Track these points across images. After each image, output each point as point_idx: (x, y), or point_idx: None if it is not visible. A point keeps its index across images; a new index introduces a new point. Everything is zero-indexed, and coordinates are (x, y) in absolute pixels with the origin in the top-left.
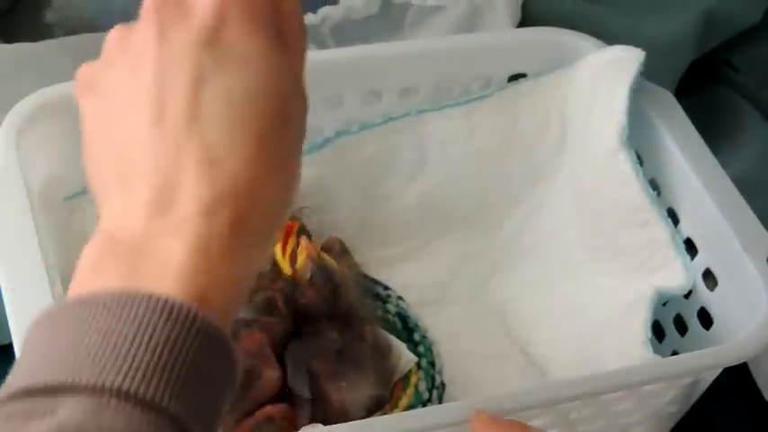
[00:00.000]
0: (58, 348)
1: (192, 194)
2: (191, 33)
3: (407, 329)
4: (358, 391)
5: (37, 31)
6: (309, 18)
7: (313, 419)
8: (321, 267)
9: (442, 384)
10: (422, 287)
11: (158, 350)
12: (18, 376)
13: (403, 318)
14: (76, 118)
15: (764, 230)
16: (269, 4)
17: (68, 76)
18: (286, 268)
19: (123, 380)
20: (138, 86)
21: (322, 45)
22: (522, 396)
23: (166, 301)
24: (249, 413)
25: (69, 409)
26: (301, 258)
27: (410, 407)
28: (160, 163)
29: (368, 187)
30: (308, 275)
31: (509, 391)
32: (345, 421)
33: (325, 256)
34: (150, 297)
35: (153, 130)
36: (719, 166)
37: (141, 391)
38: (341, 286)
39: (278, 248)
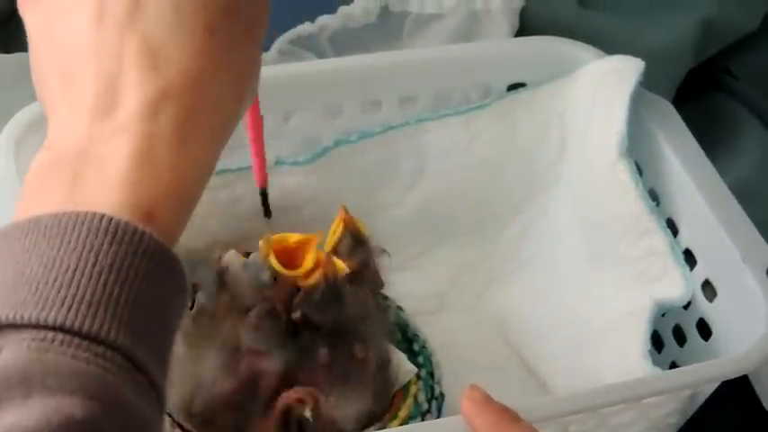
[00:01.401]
0: (0, 282)
1: (134, 93)
2: None
3: (407, 339)
4: (348, 406)
5: None
6: (307, 27)
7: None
8: (333, 291)
9: (441, 395)
10: (420, 296)
11: (103, 277)
12: None
13: (402, 327)
14: None
15: (764, 242)
16: None
17: None
18: (299, 280)
19: (67, 314)
20: None
21: (320, 54)
22: (524, 410)
23: (110, 221)
24: (266, 407)
25: (12, 350)
26: (314, 277)
27: (410, 418)
28: (102, 63)
29: (367, 196)
30: (317, 296)
31: (512, 406)
32: None
33: (338, 263)
34: (93, 217)
35: (94, 28)
36: (719, 177)
37: (86, 325)
38: (347, 308)
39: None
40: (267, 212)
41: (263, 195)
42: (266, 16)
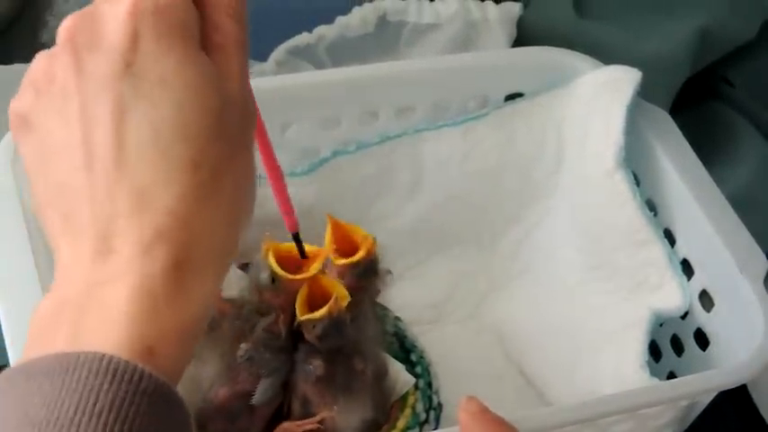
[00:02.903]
0: (3, 425)
1: (128, 238)
2: (106, 62)
3: (404, 350)
4: (350, 414)
5: (33, 52)
6: (305, 37)
7: None
8: (336, 324)
9: (440, 405)
10: (418, 306)
11: (104, 416)
12: None
13: (400, 338)
14: None
15: (761, 252)
16: (185, 10)
17: None
18: (300, 311)
19: None
20: (66, 128)
21: (318, 64)
22: (522, 421)
23: (110, 361)
24: (261, 422)
25: None
26: (323, 311)
27: (407, 428)
28: (96, 209)
29: (364, 206)
30: (319, 331)
31: (510, 416)
32: None
33: (341, 291)
34: (94, 357)
35: (85, 176)
36: (716, 187)
37: None
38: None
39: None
40: (302, 254)
41: (296, 239)
42: (253, 119)
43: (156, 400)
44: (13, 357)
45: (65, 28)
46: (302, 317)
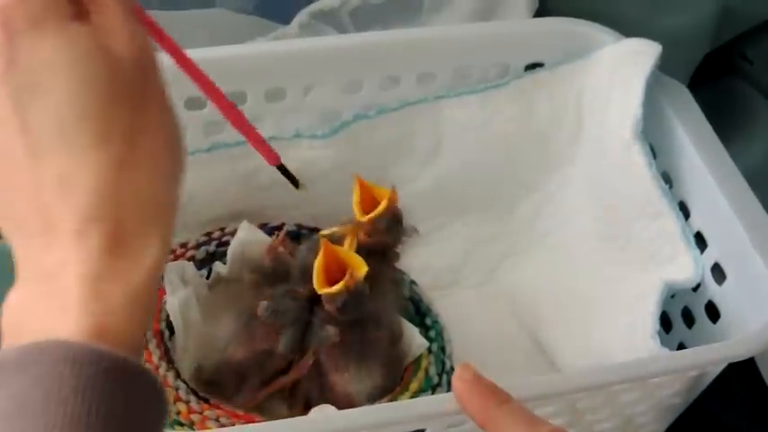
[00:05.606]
0: None
1: (62, 225)
2: None
3: (420, 314)
4: (361, 381)
5: None
6: (328, 1)
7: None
8: (355, 298)
9: (452, 369)
10: (434, 271)
11: (70, 401)
12: None
13: (416, 302)
14: None
15: None
16: None
17: None
18: (318, 284)
19: None
20: None
21: (341, 29)
22: (532, 386)
23: (69, 348)
24: (263, 384)
25: None
26: (339, 286)
27: (420, 391)
28: (30, 205)
29: (383, 171)
30: (339, 304)
31: (521, 381)
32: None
33: (359, 265)
34: (53, 347)
35: (12, 174)
36: (732, 162)
37: None
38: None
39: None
40: (295, 184)
41: (282, 170)
42: (151, 68)
43: (116, 376)
44: None
45: None
46: (320, 291)
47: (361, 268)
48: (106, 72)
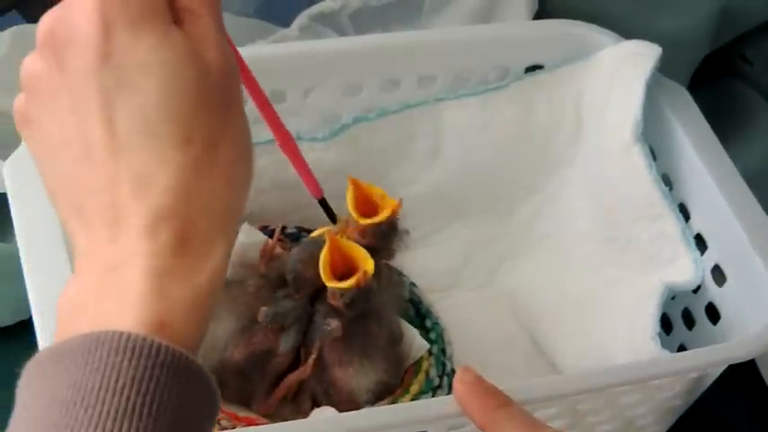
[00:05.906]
0: (34, 408)
1: (133, 222)
2: (84, 57)
3: (420, 316)
4: (365, 377)
5: None
6: (329, 4)
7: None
8: (364, 294)
9: (453, 371)
10: (434, 273)
11: (126, 392)
12: None
13: (416, 304)
14: None
15: None
16: None
17: None
18: (326, 277)
19: (94, 431)
20: (60, 124)
21: (341, 31)
22: (532, 388)
23: (128, 339)
24: (271, 385)
25: None
26: (351, 281)
27: (421, 393)
28: (101, 198)
29: (383, 173)
30: (347, 299)
31: (521, 383)
32: (353, 405)
33: (368, 264)
34: (112, 337)
35: (86, 167)
36: (732, 164)
37: None
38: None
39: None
40: (333, 219)
41: (323, 204)
42: (236, 79)
43: (174, 370)
44: (43, 344)
45: (41, 29)
46: (329, 284)
47: (368, 263)
48: (195, 78)
